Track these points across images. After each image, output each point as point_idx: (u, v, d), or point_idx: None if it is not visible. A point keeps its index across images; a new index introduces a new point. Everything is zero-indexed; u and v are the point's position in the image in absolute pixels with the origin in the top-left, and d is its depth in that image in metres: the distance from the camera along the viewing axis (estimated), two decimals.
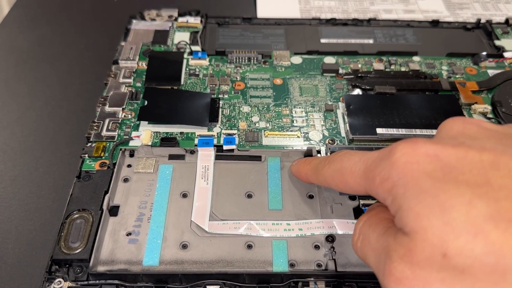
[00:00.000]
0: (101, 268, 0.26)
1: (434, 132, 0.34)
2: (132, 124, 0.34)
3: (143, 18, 0.45)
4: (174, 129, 0.34)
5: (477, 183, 0.16)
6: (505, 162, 0.17)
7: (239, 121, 0.35)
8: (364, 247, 0.21)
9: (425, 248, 0.16)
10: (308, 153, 0.32)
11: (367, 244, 0.21)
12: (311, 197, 0.30)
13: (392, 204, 0.19)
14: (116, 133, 0.33)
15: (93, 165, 0.31)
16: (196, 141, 0.33)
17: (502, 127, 0.20)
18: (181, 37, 0.43)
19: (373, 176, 0.20)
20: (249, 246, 0.28)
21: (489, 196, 0.16)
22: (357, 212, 0.29)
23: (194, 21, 0.45)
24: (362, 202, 0.30)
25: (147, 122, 0.34)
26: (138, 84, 0.38)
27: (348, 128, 0.34)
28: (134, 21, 0.45)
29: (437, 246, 0.16)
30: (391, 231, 0.19)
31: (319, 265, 0.27)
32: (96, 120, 0.34)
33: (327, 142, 0.33)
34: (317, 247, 0.28)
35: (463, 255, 0.15)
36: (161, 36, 0.43)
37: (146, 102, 0.35)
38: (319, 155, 0.33)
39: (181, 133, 0.34)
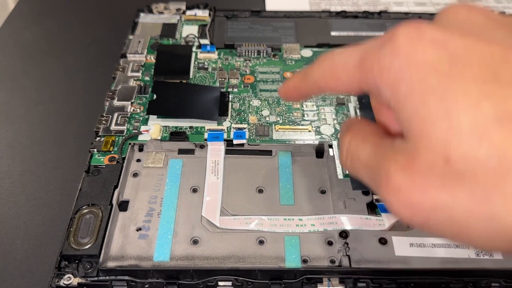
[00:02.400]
0: (111, 264, 0.26)
1: None
2: (141, 118, 0.34)
3: (150, 11, 0.45)
4: (183, 123, 0.33)
5: (485, 79, 0.15)
6: None
7: (249, 115, 0.34)
8: (355, 165, 0.20)
9: (428, 154, 0.15)
10: (320, 148, 0.32)
11: (358, 162, 0.19)
12: (323, 192, 0.30)
13: (393, 101, 0.17)
14: (125, 127, 0.33)
15: (102, 159, 0.31)
16: (205, 136, 0.33)
17: (510, 18, 0.18)
18: (189, 31, 0.42)
19: (371, 65, 0.18)
20: (261, 242, 0.27)
21: (497, 95, 0.15)
22: (371, 207, 0.29)
23: (202, 14, 0.44)
24: (375, 197, 0.29)
25: (156, 116, 0.34)
26: (147, 78, 0.37)
27: None
28: (141, 14, 0.44)
29: (440, 152, 0.15)
30: (385, 144, 0.18)
31: (332, 261, 0.26)
32: (104, 114, 0.33)
33: (339, 136, 0.33)
34: (330, 243, 0.27)
35: (466, 160, 0.15)
36: (169, 29, 0.42)
37: (155, 96, 0.35)
38: (330, 150, 0.32)
39: (191, 127, 0.33)
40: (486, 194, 0.14)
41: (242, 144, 0.32)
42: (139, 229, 0.28)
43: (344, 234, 0.27)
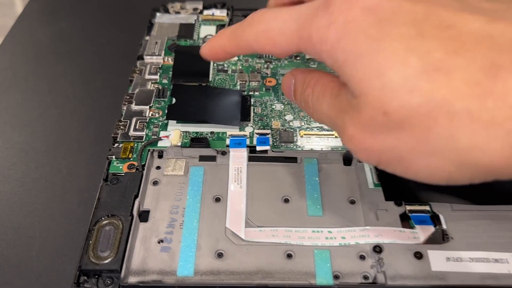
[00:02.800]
0: (132, 280, 0.25)
1: None
2: (160, 123, 0.32)
3: (166, 11, 0.43)
4: (204, 129, 0.32)
5: (410, 35, 0.17)
6: (437, 12, 0.17)
7: (272, 120, 0.33)
8: (319, 116, 0.22)
9: (369, 109, 0.18)
10: (348, 155, 0.30)
11: (321, 113, 0.22)
12: (353, 202, 0.28)
13: (335, 67, 0.19)
14: (144, 133, 0.31)
15: (121, 167, 0.29)
16: (227, 142, 0.31)
17: None
18: (207, 31, 0.41)
19: (309, 35, 0.19)
20: (289, 256, 0.26)
21: (421, 49, 0.16)
22: (404, 219, 0.27)
23: (220, 13, 0.43)
24: (408, 208, 0.28)
25: (175, 121, 0.32)
26: (165, 81, 0.36)
27: None
28: (157, 14, 0.43)
29: (378, 107, 0.17)
30: (340, 97, 0.20)
31: (365, 277, 0.25)
32: (122, 119, 0.32)
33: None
34: (362, 257, 0.26)
35: (402, 111, 0.17)
36: (187, 30, 0.41)
37: (174, 100, 0.33)
38: None
39: (212, 132, 0.32)
40: (423, 135, 0.17)
41: (266, 151, 0.31)
42: (160, 241, 0.26)
43: (378, 248, 0.26)
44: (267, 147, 0.31)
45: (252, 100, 0.35)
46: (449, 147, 0.16)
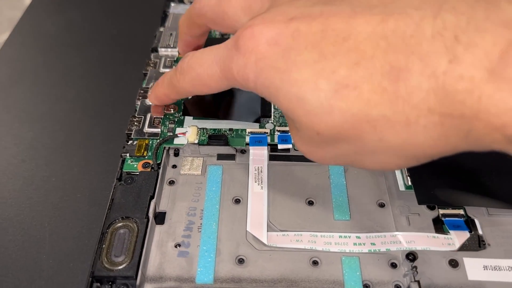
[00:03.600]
0: (148, 287, 0.23)
1: None
2: (176, 120, 0.31)
3: (181, 1, 0.41)
4: (222, 126, 0.30)
5: (314, 59, 0.18)
6: (332, 26, 0.18)
7: None
8: None
9: (304, 131, 0.20)
10: None
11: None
12: (382, 205, 0.27)
13: (266, 99, 0.21)
14: (159, 130, 0.30)
15: (135, 165, 0.28)
16: (247, 139, 0.29)
17: None
18: None
19: (233, 76, 0.21)
20: (315, 263, 0.24)
21: (326, 70, 0.17)
22: (437, 223, 0.26)
23: None
24: (441, 212, 0.26)
25: (192, 117, 0.31)
26: None
27: None
28: (172, 4, 0.41)
29: (310, 129, 0.19)
30: (287, 115, 0.22)
31: (397, 287, 0.23)
32: (136, 115, 0.30)
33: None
34: (393, 265, 0.24)
35: (329, 130, 0.18)
36: None
37: (189, 96, 0.32)
38: None
39: (231, 129, 0.30)
40: (358, 143, 0.18)
41: (288, 149, 0.29)
42: (178, 245, 0.25)
43: (411, 256, 0.24)
44: (289, 146, 0.29)
45: None
46: (384, 148, 0.18)
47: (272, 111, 0.31)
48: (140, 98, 0.32)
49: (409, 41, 0.16)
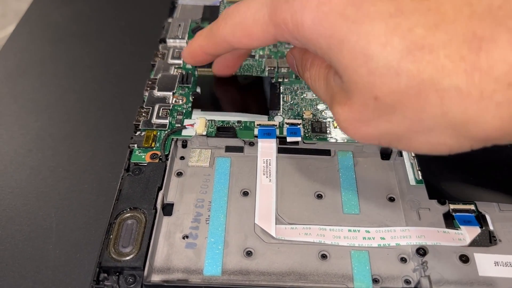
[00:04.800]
0: (156, 278, 0.23)
1: None
2: (184, 111, 0.30)
3: None
4: (231, 118, 0.30)
5: (390, 12, 0.16)
6: None
7: (303, 109, 0.31)
8: (315, 89, 0.22)
9: (359, 96, 0.18)
10: (385, 149, 0.28)
11: (321, 97, 0.22)
12: (392, 199, 0.26)
13: (318, 52, 0.19)
14: (167, 121, 0.29)
15: (143, 156, 0.27)
16: (256, 132, 0.29)
17: None
18: None
19: (284, 21, 0.19)
20: (324, 256, 0.24)
21: (402, 27, 0.16)
22: (448, 218, 0.25)
23: None
24: (452, 207, 0.26)
25: (200, 109, 0.30)
26: (189, 66, 0.34)
27: None
28: None
29: (368, 93, 0.17)
30: (330, 81, 0.20)
31: (407, 282, 0.23)
32: (144, 106, 0.30)
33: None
34: (403, 259, 0.24)
35: (391, 94, 0.17)
36: (211, 12, 0.39)
37: (198, 89, 0.32)
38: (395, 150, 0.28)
39: (239, 121, 0.30)
40: (417, 115, 0.17)
41: (297, 142, 0.29)
42: (185, 237, 0.25)
43: (421, 251, 0.24)
44: (298, 138, 0.29)
45: (281, 87, 0.32)
46: (444, 124, 0.17)
47: (281, 103, 0.31)
48: (148, 89, 0.31)
49: (496, 13, 0.15)
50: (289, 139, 0.29)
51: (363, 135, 0.19)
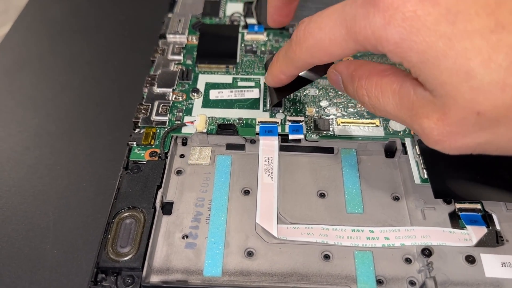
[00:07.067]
0: (155, 279, 0.23)
1: None
2: (184, 108, 0.30)
3: None
4: (232, 115, 0.29)
5: (490, 28, 0.16)
6: None
7: (306, 106, 0.30)
8: (384, 115, 0.21)
9: (459, 111, 0.17)
10: (390, 146, 0.28)
11: (386, 113, 0.20)
12: (396, 198, 0.26)
13: (405, 65, 0.18)
14: (167, 118, 0.29)
15: (142, 154, 0.27)
16: (257, 129, 0.29)
17: None
18: (234, 8, 0.38)
19: (365, 37, 0.18)
20: (326, 257, 0.23)
21: (505, 43, 0.16)
22: (454, 218, 0.25)
23: None
24: (458, 206, 0.25)
25: (200, 106, 0.30)
26: (189, 62, 0.33)
27: None
28: None
29: (470, 109, 0.17)
30: (406, 94, 0.19)
31: (412, 283, 0.23)
32: (144, 103, 0.30)
33: (413, 133, 0.28)
34: (408, 260, 0.23)
35: (496, 109, 0.16)
36: (212, 7, 0.38)
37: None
38: (409, 147, 0.28)
39: (240, 119, 0.29)
40: None
41: (299, 140, 0.28)
42: (185, 237, 0.24)
43: (427, 251, 0.23)
44: (301, 136, 0.28)
45: None
46: None
47: (283, 100, 0.30)
48: (147, 85, 0.31)
49: None
50: (291, 137, 0.28)
51: (459, 146, 0.19)
